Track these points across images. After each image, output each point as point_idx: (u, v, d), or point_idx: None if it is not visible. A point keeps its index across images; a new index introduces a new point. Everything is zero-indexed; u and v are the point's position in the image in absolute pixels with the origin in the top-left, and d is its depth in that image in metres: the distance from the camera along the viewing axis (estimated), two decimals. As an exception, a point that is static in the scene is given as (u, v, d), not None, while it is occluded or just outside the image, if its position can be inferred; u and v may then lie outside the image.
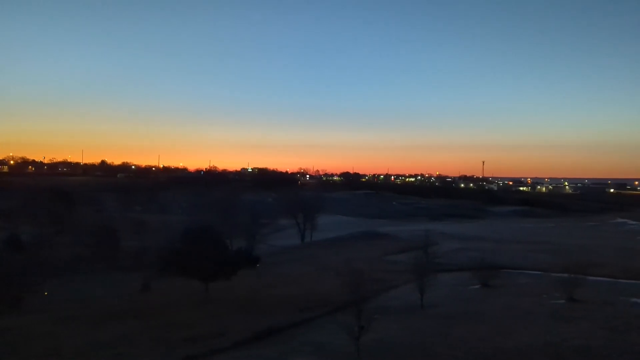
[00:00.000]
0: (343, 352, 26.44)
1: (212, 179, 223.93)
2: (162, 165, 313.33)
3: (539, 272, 55.16)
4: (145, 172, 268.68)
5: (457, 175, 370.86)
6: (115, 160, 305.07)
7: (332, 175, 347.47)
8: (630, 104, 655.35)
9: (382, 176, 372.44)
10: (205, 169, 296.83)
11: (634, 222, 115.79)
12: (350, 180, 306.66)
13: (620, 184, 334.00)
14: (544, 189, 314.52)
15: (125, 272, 59.27)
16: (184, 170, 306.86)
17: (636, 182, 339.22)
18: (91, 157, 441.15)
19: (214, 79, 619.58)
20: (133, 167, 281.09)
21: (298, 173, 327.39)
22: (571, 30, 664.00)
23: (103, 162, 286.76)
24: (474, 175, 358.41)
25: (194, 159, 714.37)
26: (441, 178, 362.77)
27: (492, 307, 38.71)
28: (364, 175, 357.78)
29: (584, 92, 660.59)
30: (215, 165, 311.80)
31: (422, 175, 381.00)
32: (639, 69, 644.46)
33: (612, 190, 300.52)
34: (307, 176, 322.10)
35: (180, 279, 46.92)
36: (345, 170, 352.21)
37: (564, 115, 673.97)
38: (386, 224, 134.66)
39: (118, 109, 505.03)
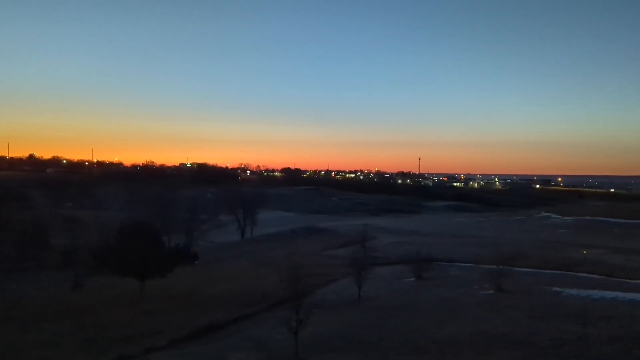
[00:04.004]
0: (282, 347, 26.68)
1: (149, 174, 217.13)
2: (95, 160, 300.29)
3: (470, 264, 57.74)
4: (77, 167, 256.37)
5: (394, 171, 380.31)
6: (45, 154, 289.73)
7: (273, 170, 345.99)
8: (555, 105, 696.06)
9: (322, 172, 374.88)
10: (142, 164, 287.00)
11: (557, 216, 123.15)
12: (291, 176, 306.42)
13: (545, 180, 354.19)
14: (476, 184, 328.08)
15: (55, 271, 56.64)
16: (119, 165, 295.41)
17: (559, 179, 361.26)
18: (18, 151, 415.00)
19: (148, 70, 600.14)
20: (64, 161, 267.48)
21: (238, 168, 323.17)
22: (502, 29, 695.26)
23: (31, 155, 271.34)
24: (410, 172, 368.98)
25: (129, 154, 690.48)
26: (379, 174, 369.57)
27: (426, 298, 40.17)
28: (305, 171, 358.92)
29: (512, 92, 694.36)
30: (152, 160, 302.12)
31: (361, 171, 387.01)
32: (563, 68, 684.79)
33: (537, 186, 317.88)
34: (248, 172, 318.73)
35: (113, 277, 45.42)
36: (286, 166, 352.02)
37: (493, 114, 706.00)
38: (326, 219, 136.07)
39: (48, 100, 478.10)
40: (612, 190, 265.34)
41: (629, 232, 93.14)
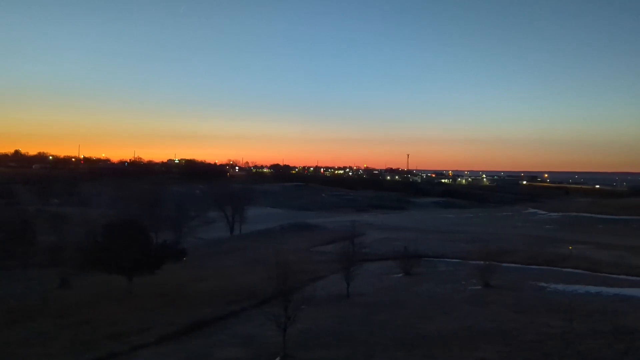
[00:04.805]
0: (270, 343, 26.74)
1: (136, 170, 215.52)
2: (82, 156, 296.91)
3: (458, 260, 58.14)
4: (63, 163, 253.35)
5: (383, 167, 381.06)
6: (31, 150, 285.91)
7: (262, 167, 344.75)
8: (542, 103, 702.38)
9: (311, 168, 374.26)
10: (130, 160, 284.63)
11: (543, 212, 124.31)
12: (280, 173, 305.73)
13: (532, 176, 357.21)
14: (463, 181, 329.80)
15: (41, 268, 55.96)
16: (107, 161, 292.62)
17: (545, 175, 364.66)
18: (3, 147, 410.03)
19: (136, 66, 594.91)
20: (50, 157, 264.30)
21: (227, 165, 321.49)
22: (491, 28, 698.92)
23: (17, 152, 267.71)
24: (399, 168, 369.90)
25: (117, 150, 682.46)
26: (368, 170, 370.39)
27: (414, 294, 40.45)
28: (294, 168, 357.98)
29: (500, 91, 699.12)
30: (140, 156, 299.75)
31: (350, 167, 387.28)
32: (550, 68, 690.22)
33: (524, 182, 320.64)
34: (237, 168, 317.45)
35: (101, 275, 45.10)
36: (275, 162, 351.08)
37: (481, 112, 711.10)
38: (315, 215, 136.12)
39: (33, 96, 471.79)
40: (598, 186, 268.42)
41: (613, 227, 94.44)
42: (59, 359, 26.47)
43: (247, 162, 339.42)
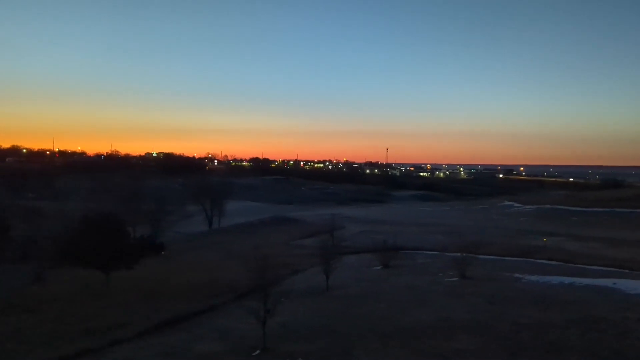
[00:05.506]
0: (249, 337, 26.80)
1: (113, 163, 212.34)
2: (57, 149, 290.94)
3: (436, 252, 58.87)
4: (38, 156, 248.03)
5: (363, 161, 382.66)
6: (4, 143, 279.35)
7: (241, 160, 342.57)
8: (518, 98, 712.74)
9: (291, 162, 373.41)
10: (106, 153, 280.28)
11: (519, 205, 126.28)
12: (260, 166, 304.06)
13: (508, 169, 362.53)
14: (441, 174, 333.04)
15: (15, 263, 54.96)
16: (82, 154, 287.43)
17: (521, 168, 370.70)
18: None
19: (111, 58, 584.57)
20: (24, 150, 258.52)
21: (206, 158, 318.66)
22: (472, 23, 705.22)
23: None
24: (378, 162, 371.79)
25: (93, 143, 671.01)
26: (348, 164, 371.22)
27: (392, 286, 40.85)
28: (274, 161, 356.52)
29: (477, 85, 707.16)
30: (117, 149, 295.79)
31: (330, 161, 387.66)
32: (526, 63, 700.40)
33: (501, 175, 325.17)
34: (215, 161, 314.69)
35: (78, 270, 44.44)
36: (254, 156, 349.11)
37: (459, 106, 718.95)
38: (295, 209, 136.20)
39: (7, 88, 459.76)
40: (572, 179, 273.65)
41: (586, 220, 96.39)
42: (35, 354, 26.07)
43: (226, 156, 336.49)
